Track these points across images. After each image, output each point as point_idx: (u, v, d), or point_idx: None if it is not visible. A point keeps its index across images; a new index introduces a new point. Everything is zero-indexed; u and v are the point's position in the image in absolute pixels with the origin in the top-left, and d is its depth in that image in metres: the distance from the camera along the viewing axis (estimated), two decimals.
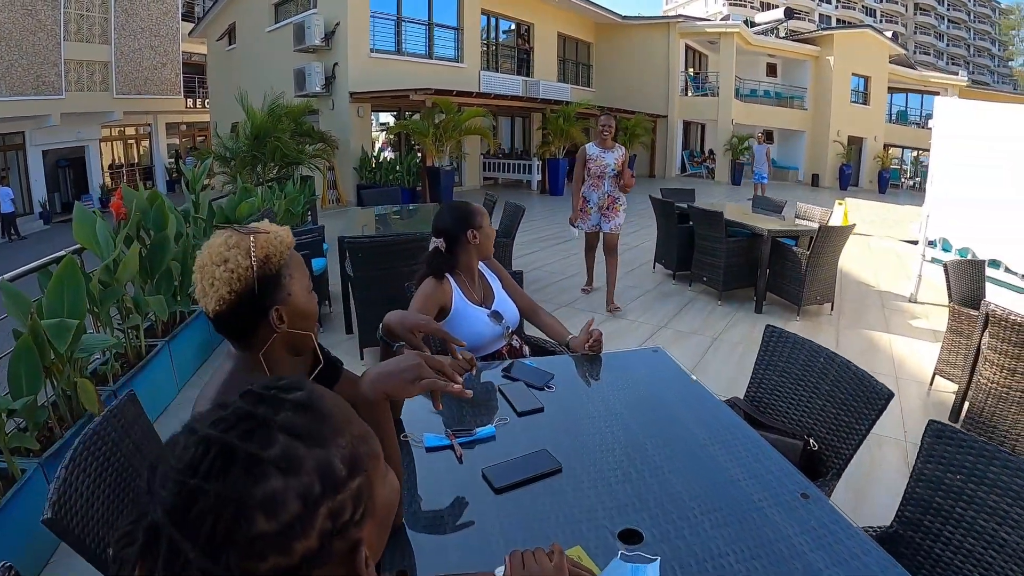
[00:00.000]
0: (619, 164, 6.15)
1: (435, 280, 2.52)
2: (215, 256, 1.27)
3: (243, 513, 0.55)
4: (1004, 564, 1.56)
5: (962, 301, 4.62)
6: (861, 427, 2.03)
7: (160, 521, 0.54)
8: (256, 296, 1.28)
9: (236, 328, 1.33)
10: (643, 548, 1.33)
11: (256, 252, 1.28)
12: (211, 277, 1.26)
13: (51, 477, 2.73)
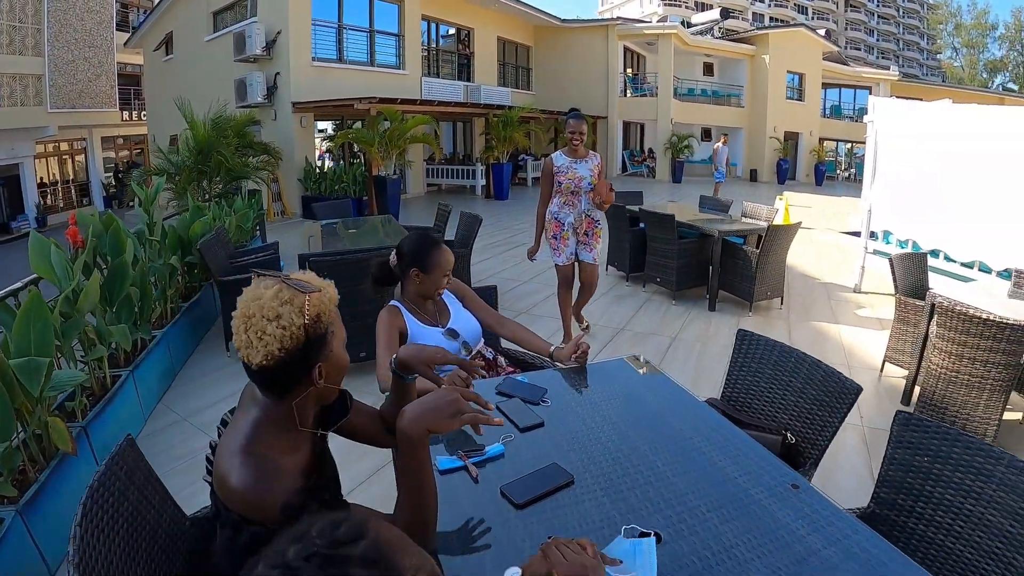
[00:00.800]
0: (596, 175, 5.17)
1: (387, 311, 2.64)
2: (267, 311, 1.27)
3: None
4: (971, 532, 1.77)
5: (907, 292, 4.90)
6: (834, 420, 2.20)
7: None
8: (303, 354, 1.29)
9: (278, 382, 1.33)
10: (662, 548, 1.43)
11: (309, 311, 1.28)
12: (260, 331, 1.26)
13: (30, 524, 2.69)
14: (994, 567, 1.69)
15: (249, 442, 1.31)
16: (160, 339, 4.93)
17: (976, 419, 3.77)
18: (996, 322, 3.54)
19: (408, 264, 2.66)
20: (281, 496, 1.25)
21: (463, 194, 19.65)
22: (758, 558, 1.42)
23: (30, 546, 2.79)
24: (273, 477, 1.27)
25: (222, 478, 1.30)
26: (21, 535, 2.74)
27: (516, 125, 17.98)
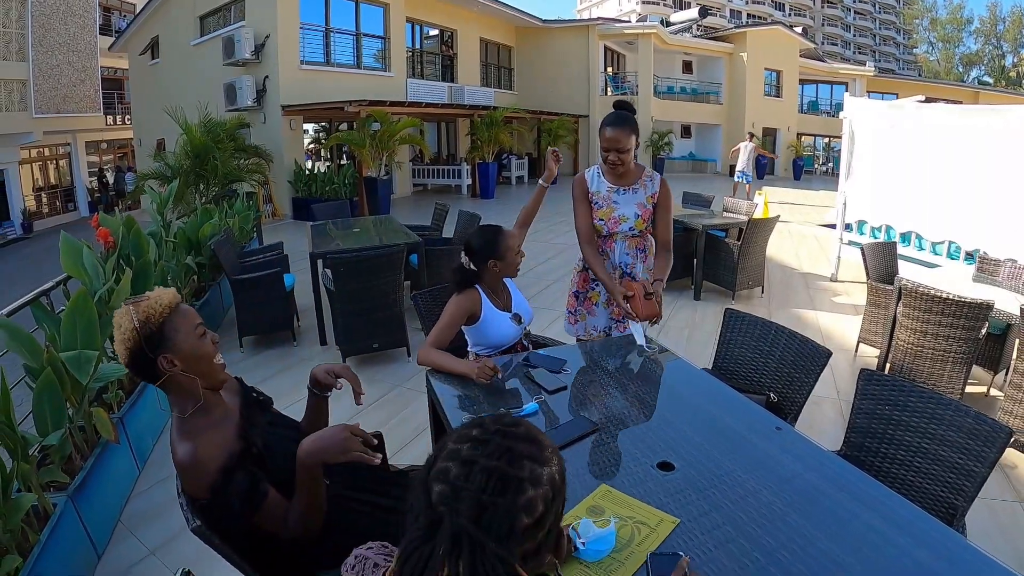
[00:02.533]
0: (647, 215, 3.21)
1: (466, 294, 2.81)
2: (116, 322, 1.62)
3: (515, 515, 0.85)
4: (928, 466, 2.15)
5: (878, 278, 5.32)
6: (809, 380, 2.60)
7: (466, 526, 0.82)
8: (144, 349, 1.61)
9: (144, 374, 1.67)
10: (676, 475, 1.80)
11: (138, 316, 1.61)
12: (116, 339, 1.62)
13: (81, 510, 2.96)
14: (947, 493, 2.07)
15: (180, 429, 1.66)
16: None
17: (940, 389, 4.15)
18: (955, 300, 3.94)
19: (484, 257, 2.82)
20: (216, 461, 1.61)
21: (449, 194, 19.92)
22: (751, 478, 1.77)
23: (80, 530, 3.04)
24: (204, 442, 1.63)
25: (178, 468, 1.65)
26: (72, 520, 2.97)
27: (500, 125, 18.30)
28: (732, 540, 1.52)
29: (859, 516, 1.60)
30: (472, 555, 0.79)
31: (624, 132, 3.04)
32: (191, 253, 6.34)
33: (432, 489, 0.85)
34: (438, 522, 0.82)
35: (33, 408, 3.04)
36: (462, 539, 0.80)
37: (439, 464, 0.88)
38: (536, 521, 0.85)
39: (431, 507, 0.84)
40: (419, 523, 0.84)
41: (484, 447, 0.88)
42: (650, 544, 1.49)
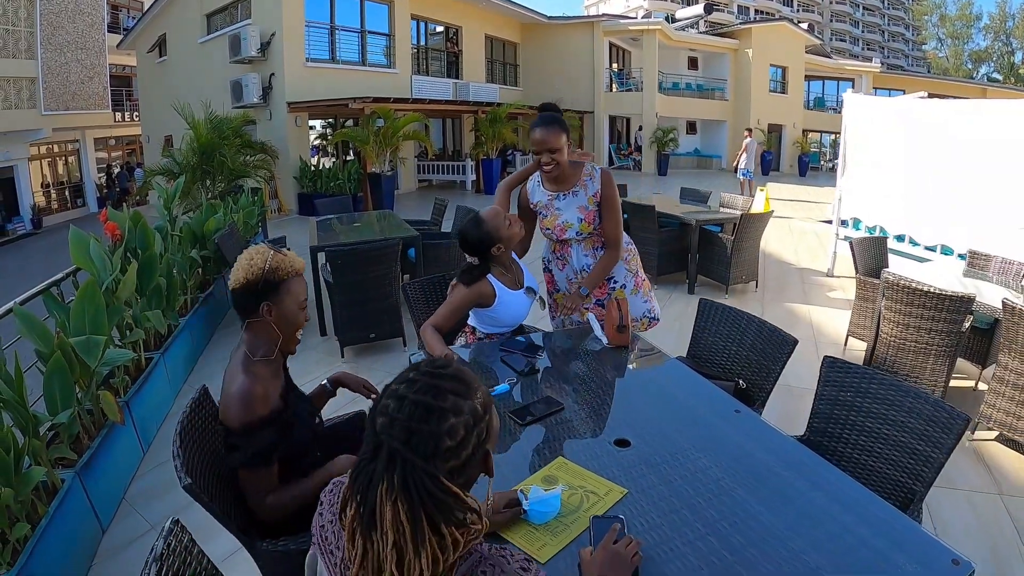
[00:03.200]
0: (590, 217, 3.13)
1: (474, 285, 2.83)
2: (250, 252, 1.95)
3: (439, 439, 1.01)
4: (888, 452, 2.23)
5: (867, 272, 5.40)
6: (776, 367, 2.72)
7: (399, 448, 0.98)
8: (258, 288, 1.91)
9: (241, 305, 1.97)
10: (631, 451, 1.92)
11: (272, 262, 1.92)
12: (240, 263, 1.93)
13: (87, 486, 3.13)
14: (906, 479, 2.14)
15: (244, 366, 1.92)
16: (184, 326, 5.39)
17: (924, 382, 4.24)
18: (936, 294, 4.02)
19: (487, 246, 2.83)
20: (261, 405, 1.88)
21: (454, 189, 20.05)
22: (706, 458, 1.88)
23: (86, 505, 3.23)
24: (263, 385, 1.91)
25: (226, 394, 1.91)
26: (79, 495, 3.17)
27: (504, 122, 18.42)
28: (676, 511, 1.63)
29: (805, 495, 1.69)
30: (403, 470, 0.96)
31: (552, 132, 2.97)
32: (196, 247, 6.50)
33: (376, 421, 1.02)
34: (380, 446, 0.99)
35: (44, 389, 3.21)
36: (395, 457, 0.96)
37: (382, 402, 1.05)
38: (458, 443, 1.02)
39: (375, 435, 1.00)
40: (366, 448, 1.01)
41: (414, 385, 1.05)
42: (597, 511, 1.62)
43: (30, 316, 3.47)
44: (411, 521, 0.94)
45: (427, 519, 0.95)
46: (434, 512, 0.96)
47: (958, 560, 1.42)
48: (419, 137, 16.20)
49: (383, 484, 0.95)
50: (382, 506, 0.94)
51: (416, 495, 0.95)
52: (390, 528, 0.93)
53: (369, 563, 0.96)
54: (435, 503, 0.96)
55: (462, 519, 0.99)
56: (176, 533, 1.50)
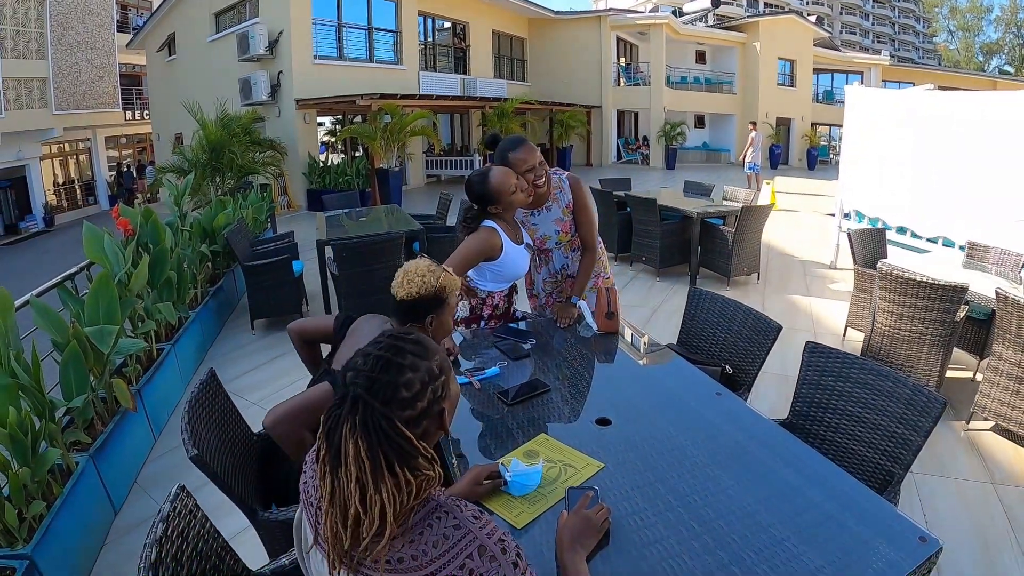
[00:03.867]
0: (566, 227, 3.25)
1: (486, 231, 2.89)
2: (422, 269, 2.15)
3: (396, 388, 1.13)
4: (867, 435, 2.29)
5: (865, 263, 5.44)
6: (761, 353, 2.80)
7: (361, 394, 1.11)
8: (427, 302, 2.14)
9: (409, 312, 2.15)
10: (611, 429, 2.02)
11: (443, 280, 2.16)
12: (412, 278, 2.13)
13: (101, 469, 3.26)
14: (884, 461, 2.21)
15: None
16: (194, 318, 5.52)
17: (918, 371, 4.29)
18: (929, 283, 4.06)
19: (485, 203, 2.93)
20: None
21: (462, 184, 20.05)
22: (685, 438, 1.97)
23: (99, 487, 3.38)
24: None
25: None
26: (92, 477, 3.32)
27: (511, 116, 18.48)
28: (650, 484, 1.73)
29: (777, 472, 1.77)
30: (364, 412, 1.08)
31: (528, 147, 3.03)
32: (206, 242, 6.64)
33: (347, 375, 1.15)
34: (345, 394, 1.11)
35: (60, 377, 3.36)
36: (358, 401, 1.10)
37: (352, 359, 1.19)
38: (414, 395, 1.14)
39: (344, 386, 1.14)
40: (336, 398, 1.13)
41: (379, 344, 1.20)
42: (574, 482, 1.71)
43: (46, 308, 3.61)
44: (370, 459, 1.06)
45: (383, 459, 1.07)
46: (389, 452, 1.07)
47: (925, 537, 1.48)
48: (426, 133, 16.30)
49: (347, 425, 1.08)
50: (346, 444, 1.06)
51: (374, 435, 1.07)
52: (353, 464, 1.05)
53: (337, 500, 1.07)
54: (391, 444, 1.08)
55: (415, 463, 1.10)
56: (182, 498, 1.61)
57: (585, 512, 1.49)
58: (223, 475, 1.98)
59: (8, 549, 2.63)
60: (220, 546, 1.71)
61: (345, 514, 1.06)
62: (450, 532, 1.09)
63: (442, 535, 1.08)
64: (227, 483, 1.98)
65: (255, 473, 2.36)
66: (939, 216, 6.74)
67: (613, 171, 21.74)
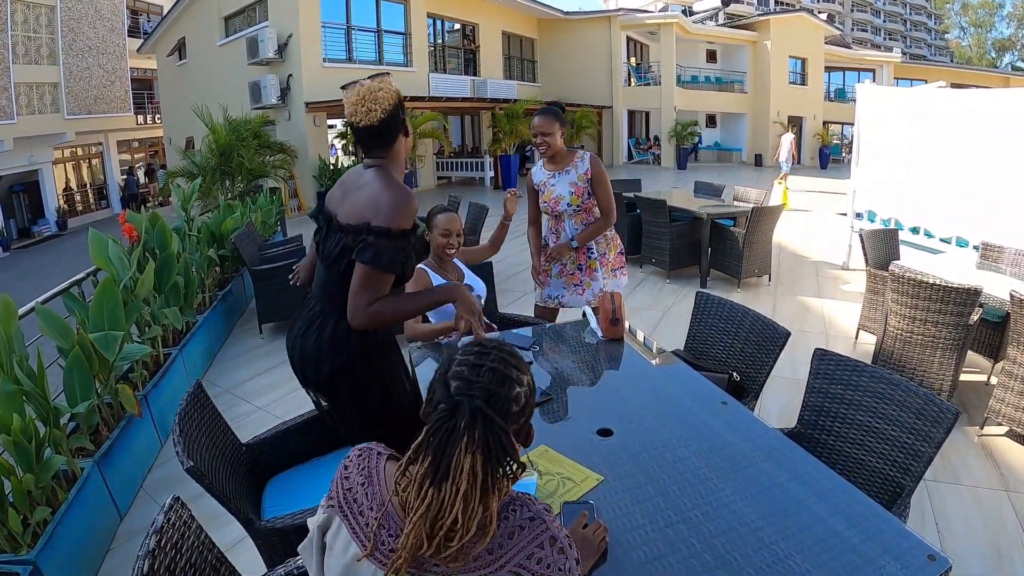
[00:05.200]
0: (580, 191, 3.63)
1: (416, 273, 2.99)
2: (375, 88, 2.11)
3: (510, 402, 1.14)
4: (877, 445, 2.22)
5: (878, 264, 5.35)
6: (769, 360, 2.75)
7: (482, 407, 1.09)
8: (400, 110, 2.17)
9: (383, 132, 2.14)
10: (613, 440, 1.98)
11: (395, 88, 2.20)
12: (375, 105, 2.09)
13: (106, 475, 3.26)
14: (895, 472, 2.14)
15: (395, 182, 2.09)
16: (201, 323, 5.52)
17: (931, 376, 4.21)
18: (941, 286, 3.99)
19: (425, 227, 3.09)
20: (414, 219, 2.06)
21: (472, 186, 20.14)
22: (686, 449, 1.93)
23: (104, 492, 3.38)
24: (416, 204, 2.06)
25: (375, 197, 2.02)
26: (97, 483, 3.32)
27: (521, 117, 18.44)
28: (650, 499, 1.69)
29: (782, 485, 1.72)
30: (485, 425, 1.08)
31: (547, 120, 3.59)
32: (214, 246, 6.64)
33: (450, 384, 1.13)
34: (457, 405, 1.09)
35: (64, 383, 3.36)
36: (478, 414, 1.08)
37: (453, 369, 1.16)
38: (521, 409, 1.16)
39: (451, 397, 1.12)
40: (441, 409, 1.11)
41: (487, 356, 1.17)
42: (572, 497, 1.68)
43: (51, 314, 3.62)
44: (483, 472, 1.06)
45: (492, 472, 1.08)
46: (500, 465, 1.10)
47: (934, 556, 1.43)
48: (436, 135, 16.32)
49: (464, 438, 1.07)
50: (460, 458, 1.06)
51: (493, 449, 1.08)
52: (464, 477, 1.05)
53: (431, 512, 1.05)
54: (504, 457, 1.10)
55: (513, 473, 1.12)
56: (176, 509, 1.59)
57: (582, 531, 1.46)
58: (218, 486, 1.97)
59: (12, 555, 2.63)
60: (215, 557, 1.69)
61: (436, 525, 1.05)
62: (525, 523, 1.12)
63: (518, 526, 1.11)
64: (222, 494, 1.96)
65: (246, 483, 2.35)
66: (952, 216, 6.65)
67: (624, 171, 21.69)
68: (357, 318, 1.99)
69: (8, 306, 3.14)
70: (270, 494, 2.40)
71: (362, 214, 2.01)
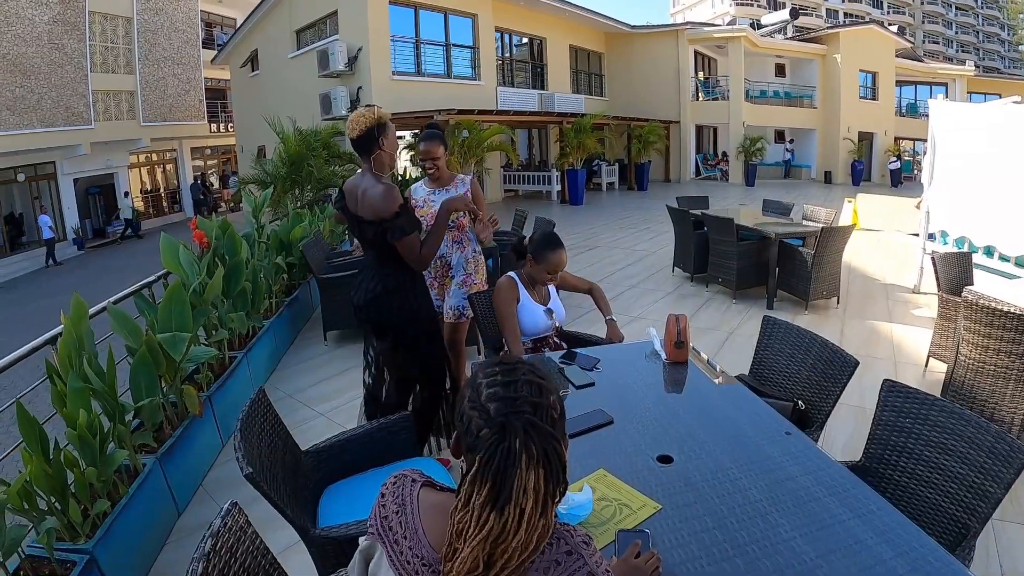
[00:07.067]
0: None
1: (506, 281, 3.37)
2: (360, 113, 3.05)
3: (551, 410, 1.12)
4: (945, 484, 2.12)
5: (950, 289, 5.13)
6: (836, 389, 2.64)
7: (530, 419, 1.08)
8: (372, 132, 3.02)
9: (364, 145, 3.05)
10: (673, 467, 1.94)
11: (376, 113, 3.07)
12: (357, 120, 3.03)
13: (167, 471, 3.36)
14: (961, 513, 2.04)
15: (378, 180, 3.06)
16: (267, 328, 5.64)
17: (1003, 409, 3.98)
18: (1018, 315, 3.80)
19: (530, 250, 3.37)
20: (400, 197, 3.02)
21: (539, 199, 20.15)
22: (745, 478, 1.89)
23: (164, 488, 3.49)
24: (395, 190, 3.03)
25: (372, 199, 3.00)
26: (158, 479, 3.43)
27: (588, 132, 18.37)
28: (707, 531, 1.64)
29: (844, 522, 1.66)
30: (540, 437, 1.06)
31: (434, 144, 3.87)
32: (282, 253, 6.81)
33: (488, 409, 1.10)
34: (504, 426, 1.07)
35: (130, 381, 3.50)
36: (530, 429, 1.06)
37: (486, 393, 1.14)
38: (559, 415, 1.15)
39: (493, 419, 1.09)
40: (486, 434, 1.08)
41: (516, 371, 1.16)
42: (628, 524, 1.64)
43: (122, 314, 3.74)
44: (546, 483, 1.06)
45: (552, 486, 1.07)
46: (557, 477, 1.08)
47: None
48: (504, 148, 16.39)
49: (524, 455, 1.05)
50: (523, 477, 1.04)
51: (551, 461, 1.07)
52: (529, 496, 1.03)
53: (491, 535, 1.04)
54: (561, 468, 1.09)
55: (565, 480, 1.11)
56: (233, 514, 1.62)
57: (634, 560, 1.44)
58: (275, 494, 2.00)
59: (70, 543, 2.73)
60: (268, 563, 1.71)
61: (499, 548, 1.04)
62: (562, 558, 1.10)
63: (554, 560, 1.09)
64: (279, 500, 1.99)
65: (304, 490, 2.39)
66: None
67: (692, 187, 21.44)
68: (421, 264, 3.15)
69: (80, 307, 3.27)
70: (326, 502, 2.42)
71: (376, 211, 2.98)
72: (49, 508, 2.73)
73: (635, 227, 13.21)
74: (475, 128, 15.06)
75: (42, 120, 20.98)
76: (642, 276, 8.66)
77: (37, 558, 2.68)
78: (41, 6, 20.82)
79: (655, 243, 11.18)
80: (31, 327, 4.66)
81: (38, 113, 20.84)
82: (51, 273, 20.30)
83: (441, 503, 1.21)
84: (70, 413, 2.88)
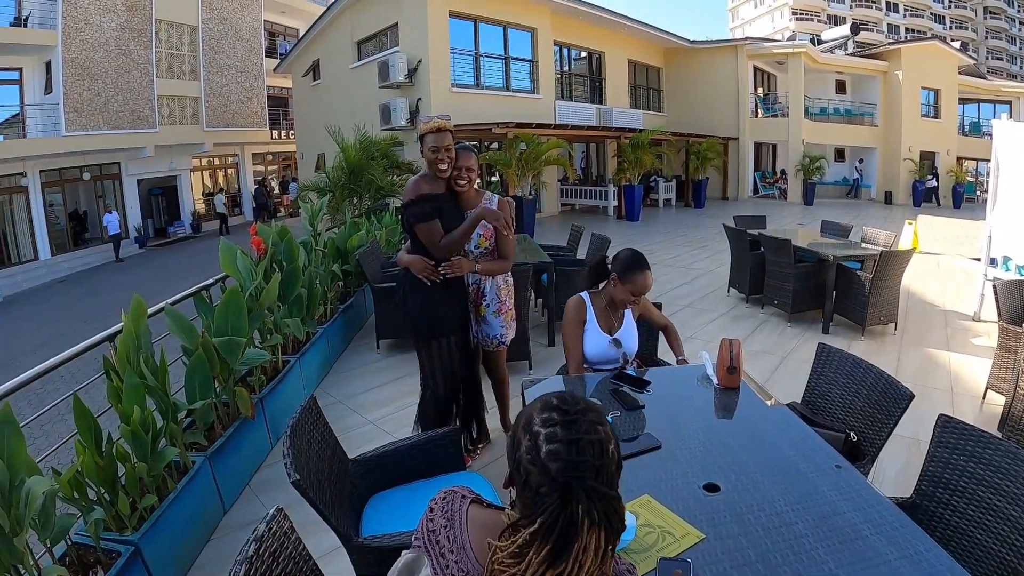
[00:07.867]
0: (488, 234, 3.62)
1: (575, 302, 3.26)
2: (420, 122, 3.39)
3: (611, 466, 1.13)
4: (997, 525, 2.05)
5: (1012, 320, 4.94)
6: (890, 422, 2.58)
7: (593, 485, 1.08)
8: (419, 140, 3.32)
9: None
10: (719, 496, 1.92)
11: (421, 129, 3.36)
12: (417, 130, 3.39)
13: (216, 470, 3.44)
14: (1012, 557, 1.98)
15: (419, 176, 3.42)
16: (321, 334, 5.75)
17: None
18: None
19: (615, 269, 3.18)
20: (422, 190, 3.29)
21: (596, 214, 20.09)
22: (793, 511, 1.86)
23: (212, 486, 3.59)
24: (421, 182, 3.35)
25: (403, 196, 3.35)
26: (207, 477, 3.53)
27: (646, 148, 18.28)
28: (750, 564, 1.62)
29: (889, 562, 1.62)
30: (603, 503, 1.07)
31: (471, 156, 3.51)
32: (339, 261, 6.95)
33: (549, 469, 1.11)
34: (567, 491, 1.07)
35: (185, 381, 3.64)
36: (593, 494, 1.07)
37: (545, 449, 1.13)
38: (617, 464, 1.15)
39: (555, 480, 1.10)
40: (548, 497, 1.09)
41: (577, 427, 1.15)
42: (670, 552, 1.63)
43: (179, 315, 3.88)
44: (607, 542, 1.08)
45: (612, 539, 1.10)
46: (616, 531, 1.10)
47: None
48: (561, 162, 16.40)
49: (587, 520, 1.06)
50: (584, 540, 1.06)
51: (612, 522, 1.09)
52: (590, 555, 1.06)
53: None
54: (619, 522, 1.10)
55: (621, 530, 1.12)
56: (278, 519, 1.67)
57: None
58: (320, 500, 2.04)
59: (117, 534, 2.83)
60: (310, 569, 1.75)
61: None
62: None
63: None
64: (324, 508, 2.03)
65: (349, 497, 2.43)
66: None
67: (749, 206, 21.12)
68: (439, 252, 3.30)
69: (140, 307, 3.38)
70: (370, 510, 2.46)
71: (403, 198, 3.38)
72: (99, 499, 2.83)
73: (691, 245, 13.09)
74: (533, 141, 15.11)
75: (108, 122, 21.91)
76: (697, 295, 8.57)
77: (83, 546, 2.78)
78: (110, 13, 21.79)
79: (711, 262, 11.05)
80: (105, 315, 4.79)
81: (104, 115, 21.76)
82: (114, 269, 21.08)
83: (489, 521, 1.23)
84: (125, 409, 2.97)
